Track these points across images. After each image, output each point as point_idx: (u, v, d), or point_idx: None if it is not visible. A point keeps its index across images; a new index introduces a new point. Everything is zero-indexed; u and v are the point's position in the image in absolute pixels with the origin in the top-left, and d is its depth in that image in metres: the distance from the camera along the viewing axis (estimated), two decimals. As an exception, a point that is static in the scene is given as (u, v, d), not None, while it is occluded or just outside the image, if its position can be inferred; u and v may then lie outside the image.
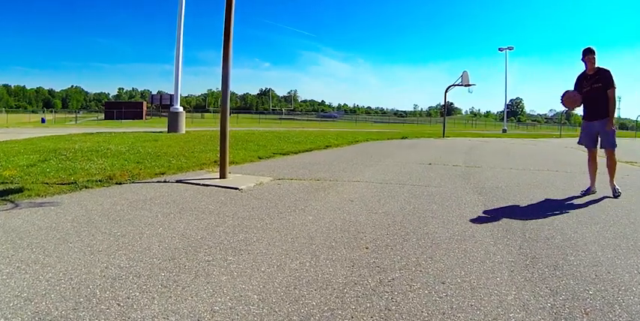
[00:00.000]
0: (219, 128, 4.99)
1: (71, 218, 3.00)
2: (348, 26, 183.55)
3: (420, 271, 2.15)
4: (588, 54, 4.29)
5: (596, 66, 4.32)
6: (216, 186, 4.32)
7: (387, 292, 1.87)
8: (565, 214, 3.56)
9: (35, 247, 2.37)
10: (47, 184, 4.21)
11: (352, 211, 3.45)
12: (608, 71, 4.28)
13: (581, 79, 4.45)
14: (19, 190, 3.85)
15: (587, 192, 4.48)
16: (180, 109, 13.39)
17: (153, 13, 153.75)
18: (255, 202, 3.69)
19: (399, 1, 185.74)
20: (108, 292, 1.82)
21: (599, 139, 4.46)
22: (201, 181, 4.49)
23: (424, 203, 3.86)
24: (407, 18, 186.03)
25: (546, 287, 1.97)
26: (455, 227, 3.03)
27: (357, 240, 2.65)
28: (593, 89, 4.31)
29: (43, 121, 35.39)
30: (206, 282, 1.94)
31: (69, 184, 4.23)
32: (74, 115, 44.68)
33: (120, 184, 4.38)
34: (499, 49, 41.96)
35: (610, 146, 4.39)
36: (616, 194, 4.38)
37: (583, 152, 12.36)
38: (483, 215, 3.44)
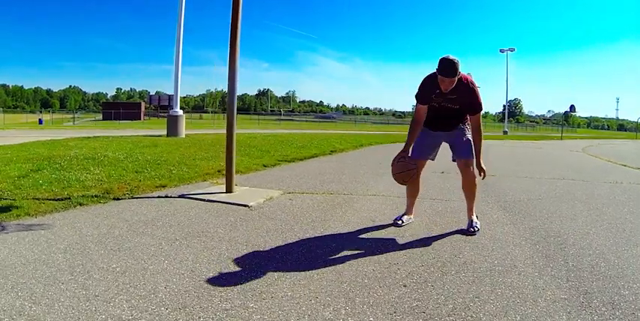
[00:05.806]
0: (225, 135, 4.66)
1: (64, 247, 2.65)
2: (346, 26, 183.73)
3: (472, 316, 1.84)
4: (449, 76, 2.99)
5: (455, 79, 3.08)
6: (223, 202, 3.98)
7: (447, 357, 1.55)
8: (600, 234, 3.27)
9: (21, 290, 2.01)
10: (38, 199, 3.86)
11: (377, 234, 3.12)
12: (472, 86, 3.16)
13: (431, 91, 3.20)
14: (8, 209, 3.49)
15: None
16: (180, 112, 13.03)
17: (151, 13, 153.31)
18: (268, 223, 3.35)
19: (397, 2, 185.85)
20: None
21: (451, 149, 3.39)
22: (207, 197, 4.15)
23: (451, 223, 3.54)
24: (405, 18, 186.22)
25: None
26: (491, 254, 2.72)
27: (391, 274, 2.32)
28: (448, 108, 3.24)
29: (40, 122, 34.64)
30: (225, 342, 1.61)
31: (62, 199, 3.88)
32: (72, 116, 43.99)
33: (118, 199, 4.04)
34: (500, 51, 41.75)
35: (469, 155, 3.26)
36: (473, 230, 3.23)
37: (590, 156, 12.17)
38: (516, 238, 3.13)
